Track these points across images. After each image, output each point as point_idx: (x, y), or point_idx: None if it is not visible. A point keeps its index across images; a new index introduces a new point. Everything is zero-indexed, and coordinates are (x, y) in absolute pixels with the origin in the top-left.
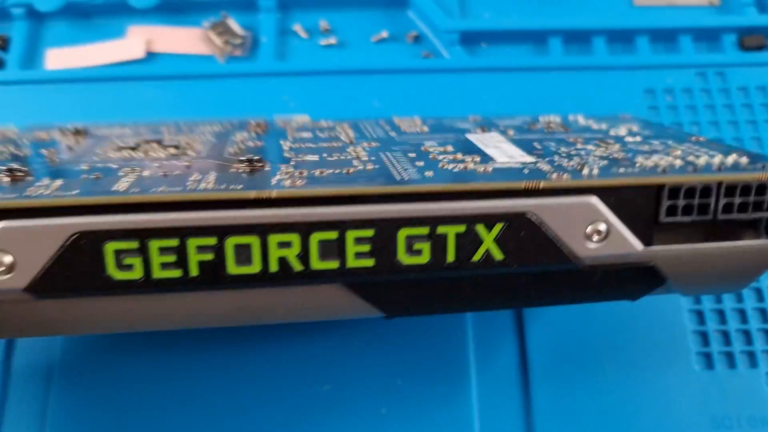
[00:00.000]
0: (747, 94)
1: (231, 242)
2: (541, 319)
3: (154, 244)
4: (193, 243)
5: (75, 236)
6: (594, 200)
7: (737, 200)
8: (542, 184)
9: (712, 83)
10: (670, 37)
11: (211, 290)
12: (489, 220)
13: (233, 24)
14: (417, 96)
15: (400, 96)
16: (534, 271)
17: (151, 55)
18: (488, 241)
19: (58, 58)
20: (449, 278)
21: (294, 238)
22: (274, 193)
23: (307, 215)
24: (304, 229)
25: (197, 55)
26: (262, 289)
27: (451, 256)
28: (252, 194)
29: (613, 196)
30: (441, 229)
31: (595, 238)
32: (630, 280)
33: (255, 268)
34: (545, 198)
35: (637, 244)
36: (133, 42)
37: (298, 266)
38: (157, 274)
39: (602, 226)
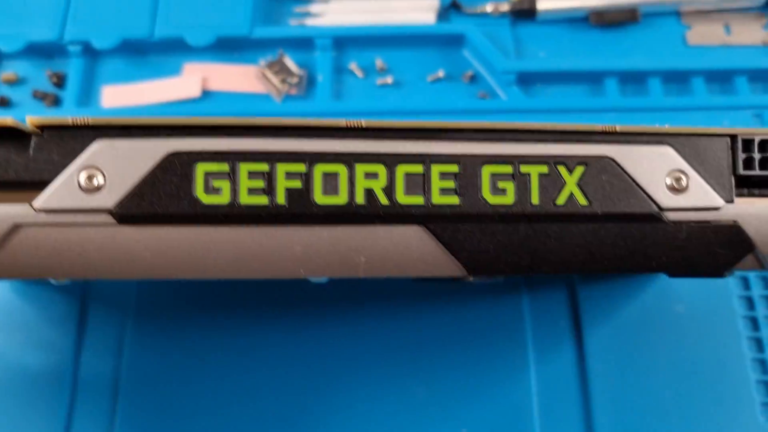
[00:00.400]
0: None
1: (319, 170)
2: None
3: (244, 168)
4: (282, 168)
5: (168, 156)
6: (669, 150)
7: None
8: (618, 128)
9: None
10: (726, 78)
11: (295, 224)
12: (570, 161)
13: (289, 62)
14: None
15: None
16: (618, 216)
17: (207, 93)
18: (571, 184)
19: (114, 96)
20: (534, 228)
21: (380, 169)
22: (363, 123)
23: (394, 146)
24: (391, 160)
25: (253, 93)
26: (346, 226)
27: (535, 198)
28: (343, 122)
29: (687, 145)
30: (524, 168)
31: (676, 186)
32: (715, 242)
33: (341, 198)
34: (622, 144)
35: (718, 199)
36: (189, 80)
37: (383, 199)
38: (244, 199)
39: (682, 177)
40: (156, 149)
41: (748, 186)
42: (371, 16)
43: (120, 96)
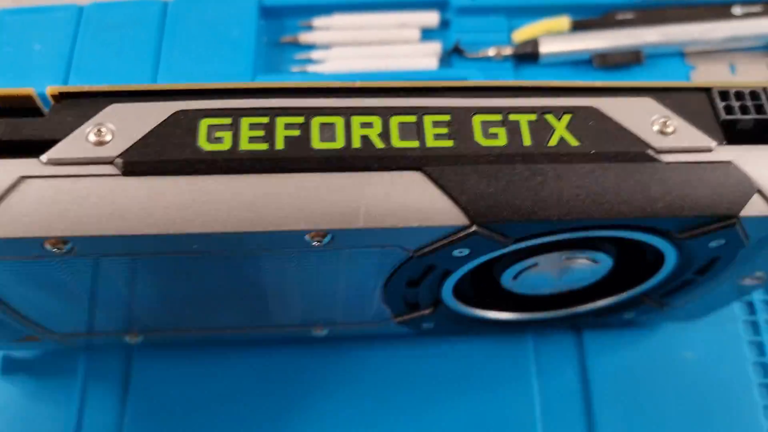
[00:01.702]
0: None
1: (317, 121)
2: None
3: (246, 121)
4: (281, 121)
5: (176, 113)
6: (651, 100)
7: None
8: (599, 84)
9: None
10: None
11: (294, 171)
12: (556, 111)
13: None
14: None
15: None
16: (612, 155)
17: None
18: (560, 129)
19: None
20: (530, 168)
21: (375, 119)
22: (358, 84)
23: (387, 102)
24: (385, 112)
25: None
26: (344, 173)
27: (527, 140)
28: (337, 84)
29: (667, 97)
30: (513, 117)
31: (664, 130)
32: (716, 182)
33: (338, 143)
34: (605, 96)
35: (709, 140)
36: None
37: (379, 143)
38: (245, 146)
39: (667, 121)
40: (165, 109)
41: (736, 138)
42: (373, 61)
43: None
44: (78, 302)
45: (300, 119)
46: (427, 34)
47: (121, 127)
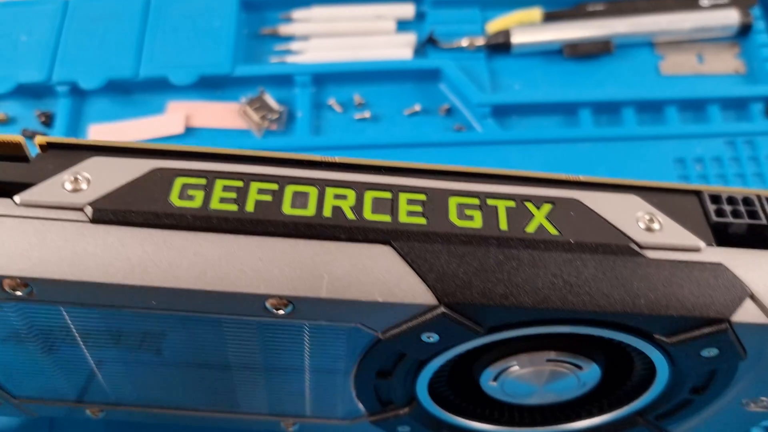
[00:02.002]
0: None
1: (290, 189)
2: None
3: (220, 183)
4: (255, 186)
5: (154, 170)
6: (637, 198)
7: None
8: (583, 178)
9: (741, 152)
10: (699, 106)
11: (260, 234)
12: (537, 200)
13: (270, 99)
14: None
15: None
16: (593, 246)
17: (189, 130)
18: (540, 217)
19: (101, 133)
20: (505, 253)
21: (349, 192)
22: (337, 159)
23: (364, 178)
24: (360, 187)
25: (235, 129)
26: (311, 240)
27: (503, 225)
28: (317, 157)
29: (654, 196)
30: (491, 202)
31: (650, 226)
32: (704, 282)
33: (309, 211)
34: (589, 191)
35: (698, 240)
36: (173, 117)
37: (350, 215)
38: (215, 205)
39: (654, 219)
40: (143, 165)
41: (727, 242)
42: (350, 52)
43: (106, 133)
44: (33, 361)
45: (274, 186)
46: (403, 25)
47: (97, 178)
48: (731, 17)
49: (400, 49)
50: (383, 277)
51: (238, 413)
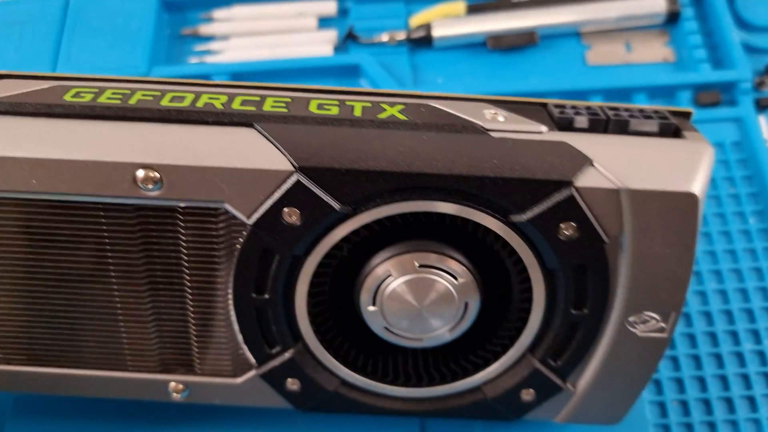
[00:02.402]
0: None
1: (171, 94)
2: None
3: (110, 90)
4: (140, 92)
5: (55, 85)
6: (485, 104)
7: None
8: (433, 93)
9: None
10: (625, 95)
11: (139, 120)
12: (390, 102)
13: None
14: None
15: None
16: (440, 126)
17: None
18: (392, 110)
19: None
20: (357, 131)
21: (222, 96)
22: (219, 81)
23: (235, 91)
24: (232, 93)
25: None
26: (183, 125)
27: (358, 113)
28: (201, 81)
29: (504, 106)
30: (349, 101)
31: (495, 118)
32: (546, 153)
33: (185, 103)
34: (441, 100)
35: (540, 126)
36: None
37: (220, 106)
38: (102, 100)
39: (499, 114)
40: (48, 83)
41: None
42: (269, 51)
43: None
44: None
45: (157, 92)
46: (326, 22)
47: (4, 90)
48: (658, 5)
49: (321, 46)
50: (244, 149)
51: (124, 371)
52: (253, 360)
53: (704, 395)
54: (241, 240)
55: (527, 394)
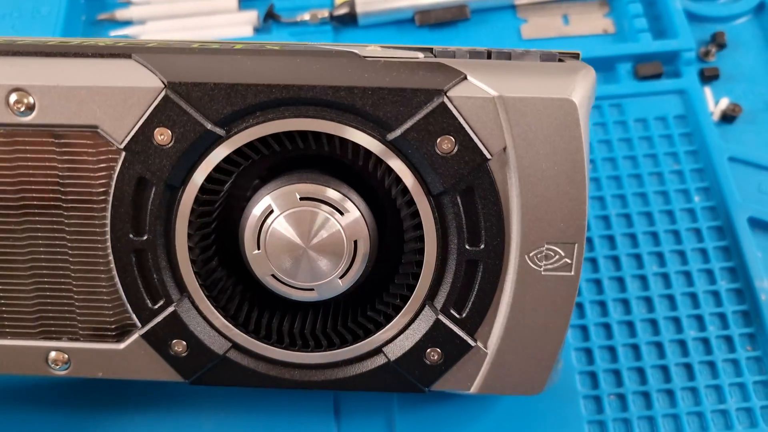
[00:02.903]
0: (646, 127)
1: (60, 39)
2: None
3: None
4: (32, 37)
5: None
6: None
7: None
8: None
9: (608, 116)
10: None
11: (23, 56)
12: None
13: None
14: None
15: None
16: (317, 52)
17: None
18: (272, 45)
19: None
20: (231, 56)
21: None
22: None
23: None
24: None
25: None
26: (62, 58)
27: (238, 46)
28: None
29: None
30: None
31: (375, 49)
32: (418, 68)
33: (72, 42)
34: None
35: (417, 53)
36: None
37: (104, 44)
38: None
39: (376, 47)
40: None
41: None
42: (189, 33)
43: None
44: None
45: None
46: (248, 3)
47: None
48: None
49: (241, 27)
50: (117, 72)
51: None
52: (136, 320)
53: (638, 363)
54: (116, 171)
55: (434, 354)
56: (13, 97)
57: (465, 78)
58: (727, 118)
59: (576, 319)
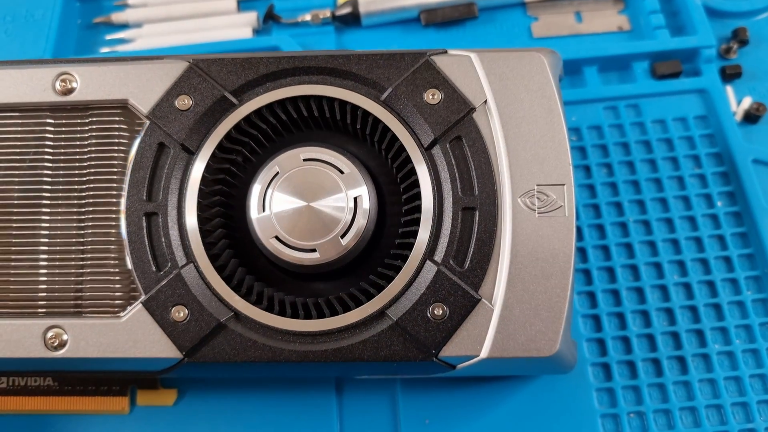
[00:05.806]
0: (664, 128)
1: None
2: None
3: None
4: None
5: None
6: None
7: None
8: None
9: (625, 117)
10: (574, 68)
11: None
12: None
13: None
14: None
15: None
16: None
17: None
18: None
19: None
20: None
21: None
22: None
23: None
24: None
25: None
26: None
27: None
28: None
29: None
30: None
31: None
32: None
33: None
34: None
35: None
36: None
37: None
38: None
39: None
40: None
41: None
42: (185, 36)
43: None
44: None
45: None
46: (248, 4)
47: None
48: None
49: (240, 29)
50: (151, 58)
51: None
52: (140, 288)
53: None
54: (139, 138)
55: (438, 308)
56: (58, 83)
57: (445, 51)
58: (751, 117)
59: (588, 309)
